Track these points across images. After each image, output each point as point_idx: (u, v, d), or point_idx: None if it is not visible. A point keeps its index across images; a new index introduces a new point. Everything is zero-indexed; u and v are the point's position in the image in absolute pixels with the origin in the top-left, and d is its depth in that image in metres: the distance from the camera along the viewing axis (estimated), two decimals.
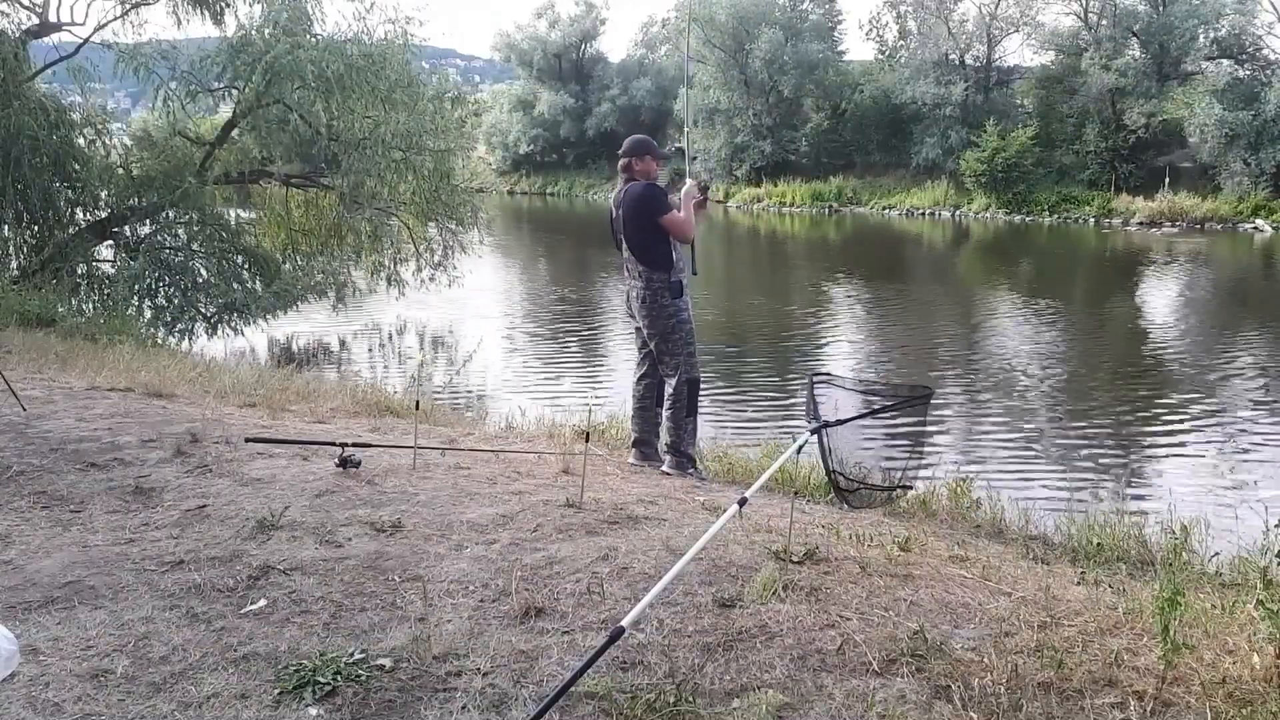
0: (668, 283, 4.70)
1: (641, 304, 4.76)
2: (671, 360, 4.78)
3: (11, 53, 11.16)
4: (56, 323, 9.42)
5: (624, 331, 14.44)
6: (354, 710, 2.30)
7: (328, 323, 14.87)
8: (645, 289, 4.73)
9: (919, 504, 4.45)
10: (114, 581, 3.00)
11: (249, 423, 5.37)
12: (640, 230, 4.67)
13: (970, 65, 36.16)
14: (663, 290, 4.70)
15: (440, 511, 3.75)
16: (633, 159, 4.75)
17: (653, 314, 4.73)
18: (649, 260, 4.70)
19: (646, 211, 4.64)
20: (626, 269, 4.86)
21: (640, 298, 4.75)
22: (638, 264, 4.74)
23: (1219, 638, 2.66)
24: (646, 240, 4.68)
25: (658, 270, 4.70)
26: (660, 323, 4.73)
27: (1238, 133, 27.33)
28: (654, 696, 2.34)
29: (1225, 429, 8.79)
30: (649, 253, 4.70)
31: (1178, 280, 20.25)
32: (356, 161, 13.01)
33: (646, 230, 4.66)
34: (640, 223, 4.66)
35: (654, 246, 4.69)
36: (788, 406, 9.95)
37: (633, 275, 4.80)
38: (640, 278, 4.74)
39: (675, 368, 4.79)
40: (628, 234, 4.74)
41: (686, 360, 4.77)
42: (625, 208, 4.71)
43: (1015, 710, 2.31)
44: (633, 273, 4.80)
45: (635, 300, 4.80)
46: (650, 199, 4.66)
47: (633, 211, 4.68)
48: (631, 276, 4.81)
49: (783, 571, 3.13)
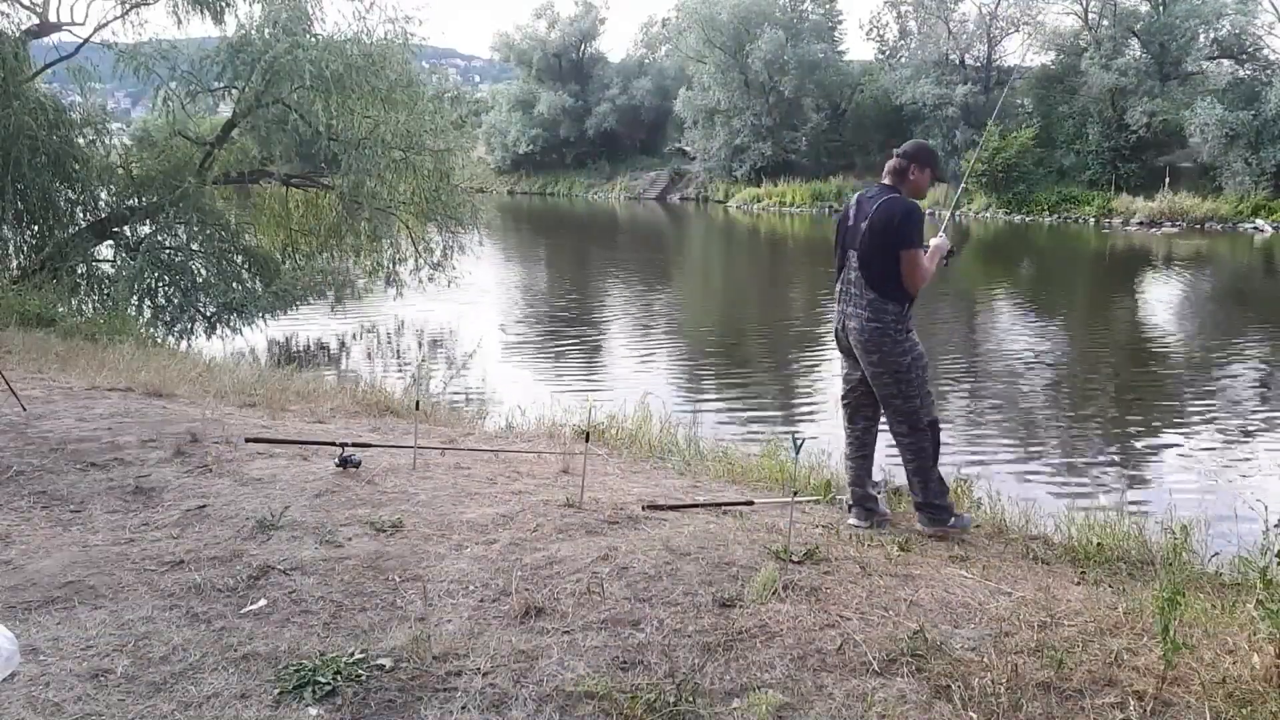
0: (901, 316, 3.91)
1: (866, 338, 3.92)
2: (905, 404, 3.94)
3: (11, 53, 11.15)
4: (56, 323, 9.42)
5: (624, 331, 14.45)
6: (354, 710, 2.30)
7: (328, 323, 14.86)
8: (872, 320, 3.89)
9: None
10: (114, 581, 3.00)
11: (249, 423, 5.37)
12: (883, 249, 3.88)
13: (970, 65, 36.19)
14: (895, 324, 3.89)
15: (440, 511, 3.75)
16: (912, 164, 3.98)
17: (883, 350, 3.89)
18: (881, 286, 3.88)
19: (897, 231, 3.84)
20: (844, 292, 4.04)
21: (862, 329, 3.92)
22: (868, 288, 3.91)
23: (1219, 638, 2.67)
24: (888, 262, 3.88)
25: (891, 300, 3.89)
26: (892, 360, 3.89)
27: (1238, 133, 27.35)
28: (654, 696, 2.34)
29: (1225, 429, 8.78)
30: (887, 278, 3.88)
31: (1178, 280, 20.25)
32: (356, 161, 12.99)
33: (889, 251, 3.87)
34: (886, 240, 3.86)
35: (894, 270, 3.89)
36: (788, 406, 9.94)
37: (854, 302, 3.97)
38: (866, 306, 3.91)
39: (910, 412, 3.95)
40: (866, 248, 3.91)
41: (925, 400, 3.97)
42: (876, 217, 3.89)
43: (1015, 710, 2.31)
44: (855, 299, 3.97)
45: (855, 332, 3.96)
46: (912, 221, 3.87)
47: (884, 225, 3.86)
48: (851, 303, 3.99)
49: (783, 571, 3.13)
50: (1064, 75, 33.36)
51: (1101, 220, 29.93)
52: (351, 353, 13.36)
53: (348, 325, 14.93)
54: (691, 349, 13.19)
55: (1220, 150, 28.01)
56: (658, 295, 18.88)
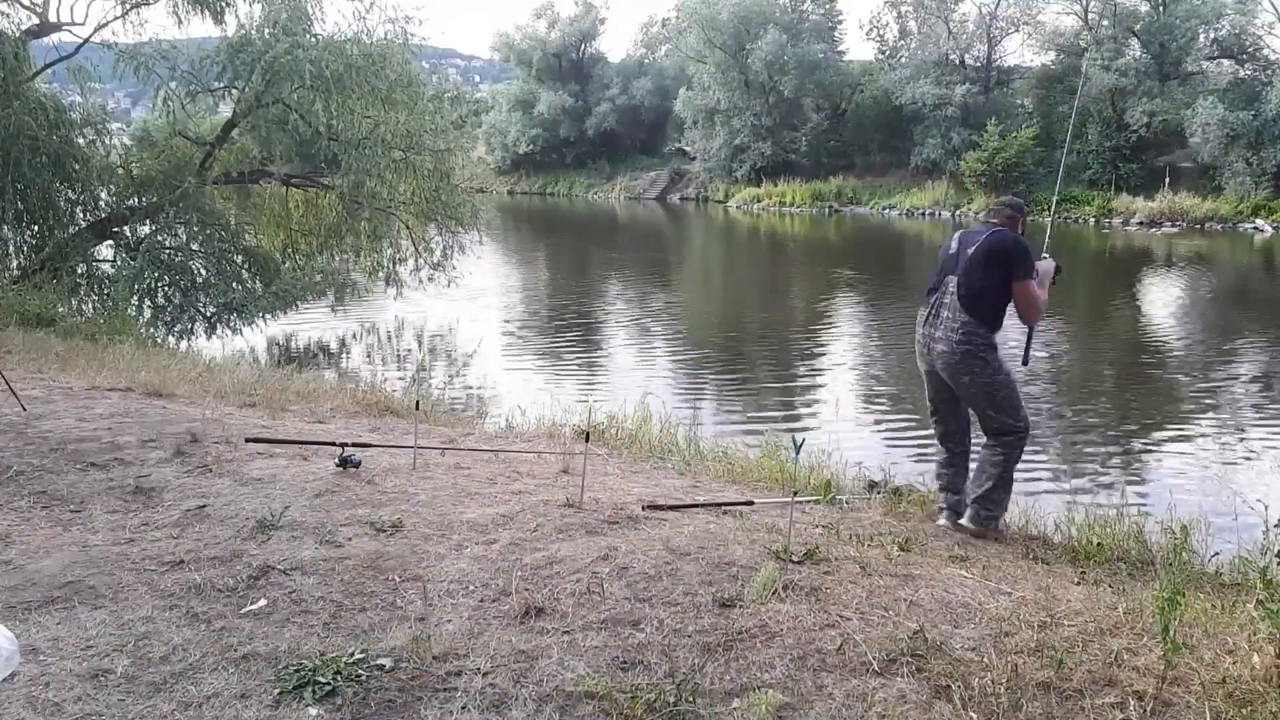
0: (991, 341, 4.08)
1: (957, 360, 4.06)
2: (998, 415, 4.11)
3: (11, 53, 11.14)
4: (56, 323, 9.42)
5: (624, 331, 14.44)
6: (354, 710, 2.30)
7: (328, 323, 14.86)
8: (964, 343, 4.04)
9: (919, 504, 4.45)
10: (114, 581, 3.00)
11: (249, 423, 5.37)
12: (986, 278, 4.05)
13: (970, 65, 36.20)
14: (985, 347, 4.05)
15: (440, 511, 3.75)
16: (1018, 215, 4.28)
17: (973, 372, 4.05)
18: (979, 311, 4.05)
19: (1008, 263, 4.04)
20: (933, 315, 4.18)
21: (953, 352, 4.06)
22: (962, 311, 4.06)
23: (1219, 638, 2.67)
24: (988, 290, 4.06)
25: (983, 325, 4.06)
26: (983, 380, 4.06)
27: (1239, 133, 27.35)
28: (654, 696, 2.34)
29: (1225, 429, 8.79)
30: (984, 303, 4.06)
31: (1178, 280, 20.25)
32: (356, 161, 12.99)
33: (994, 280, 4.06)
34: (992, 270, 4.05)
35: (993, 299, 4.08)
36: (788, 406, 9.95)
37: (946, 324, 4.11)
38: (959, 329, 4.05)
39: (1002, 423, 4.12)
40: (968, 275, 4.07)
41: (1016, 413, 4.13)
42: (982, 250, 4.07)
43: (1015, 710, 2.31)
44: (947, 322, 4.10)
45: (944, 354, 4.10)
46: (1021, 254, 4.07)
47: (991, 257, 4.05)
48: (941, 327, 4.12)
49: (783, 571, 3.13)
50: (1064, 75, 33.36)
51: (1101, 220, 29.94)
52: (351, 353, 13.37)
53: (348, 325, 14.93)
54: (691, 349, 13.19)
55: (1221, 150, 28.01)
56: (658, 295, 18.88)
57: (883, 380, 11.10)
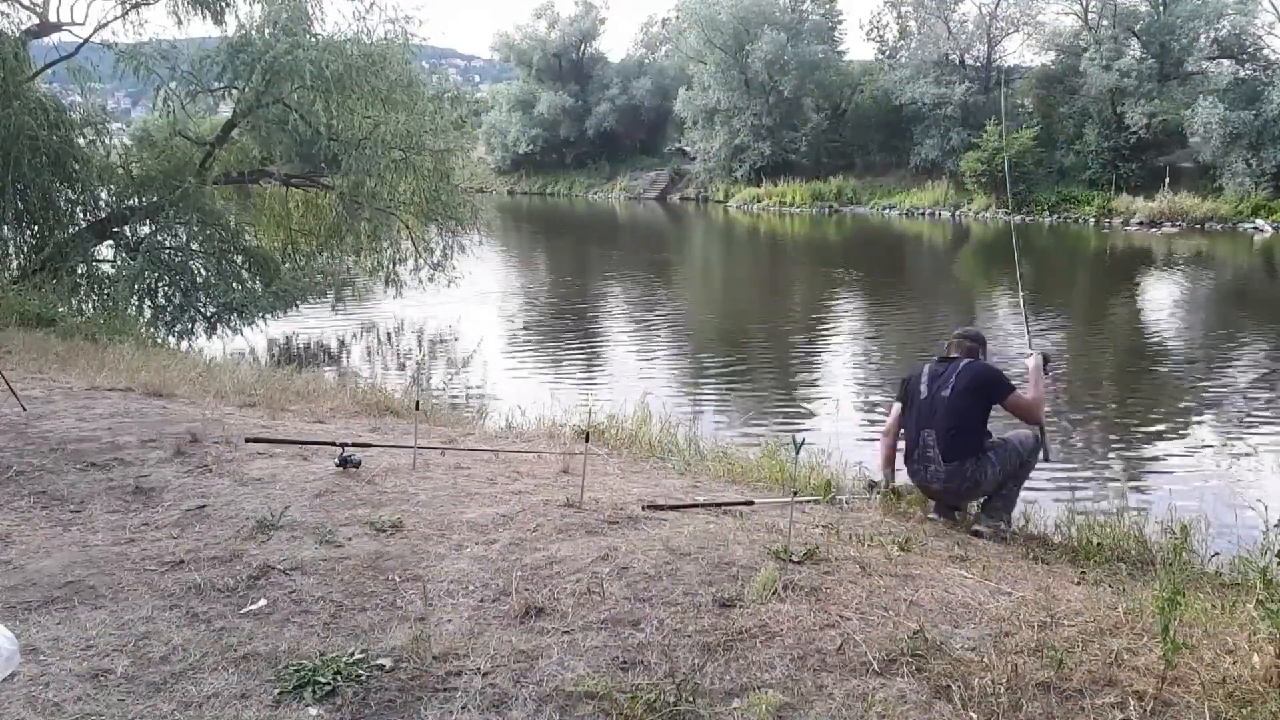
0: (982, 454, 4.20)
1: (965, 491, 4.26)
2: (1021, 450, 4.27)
3: (11, 53, 11.14)
4: (56, 323, 9.42)
5: (624, 331, 14.44)
6: (354, 710, 2.30)
7: (328, 323, 14.86)
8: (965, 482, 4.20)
9: (918, 504, 4.45)
10: (114, 581, 3.00)
11: (249, 423, 5.37)
12: (967, 411, 4.17)
13: (970, 65, 36.19)
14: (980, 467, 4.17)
15: (440, 511, 3.75)
16: (980, 347, 4.45)
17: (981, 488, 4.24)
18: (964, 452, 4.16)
19: (990, 390, 4.22)
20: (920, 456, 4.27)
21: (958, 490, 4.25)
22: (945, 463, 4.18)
23: (1219, 638, 2.66)
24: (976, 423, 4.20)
25: (970, 458, 4.16)
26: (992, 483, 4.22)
27: (1239, 133, 27.34)
28: (654, 696, 2.34)
29: (1225, 429, 8.79)
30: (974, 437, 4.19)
31: (1178, 280, 20.24)
32: (356, 161, 12.99)
33: (982, 410, 4.21)
34: (976, 400, 4.19)
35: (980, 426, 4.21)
36: (788, 406, 9.95)
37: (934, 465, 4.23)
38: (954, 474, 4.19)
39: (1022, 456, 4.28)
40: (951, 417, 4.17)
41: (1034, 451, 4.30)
42: (962, 380, 4.20)
43: (1015, 710, 2.31)
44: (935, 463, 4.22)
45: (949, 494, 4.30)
46: (1001, 382, 4.25)
47: (971, 385, 4.19)
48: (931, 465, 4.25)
49: (783, 571, 3.13)
50: (1064, 75, 33.34)
51: (1101, 220, 29.91)
52: (351, 353, 13.37)
53: (348, 325, 14.94)
54: (691, 349, 13.19)
55: (1221, 150, 27.99)
56: (658, 295, 18.88)
57: (883, 380, 11.10)
